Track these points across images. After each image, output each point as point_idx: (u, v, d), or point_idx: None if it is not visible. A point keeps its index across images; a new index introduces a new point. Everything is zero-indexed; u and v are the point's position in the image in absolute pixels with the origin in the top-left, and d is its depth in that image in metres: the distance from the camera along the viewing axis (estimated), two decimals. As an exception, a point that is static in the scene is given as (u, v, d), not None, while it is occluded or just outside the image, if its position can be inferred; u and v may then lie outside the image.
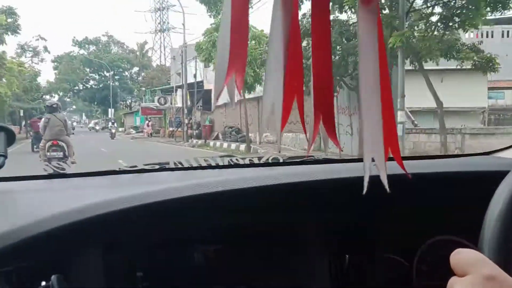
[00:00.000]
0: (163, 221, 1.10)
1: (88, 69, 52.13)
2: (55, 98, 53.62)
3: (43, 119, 8.88)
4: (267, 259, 1.19)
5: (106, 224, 1.00)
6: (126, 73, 53.83)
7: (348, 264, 1.24)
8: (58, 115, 8.54)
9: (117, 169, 1.36)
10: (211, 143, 20.30)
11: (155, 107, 31.89)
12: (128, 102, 54.42)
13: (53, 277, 0.92)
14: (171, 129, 29.25)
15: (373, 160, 0.44)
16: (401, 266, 1.25)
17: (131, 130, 38.91)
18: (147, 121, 31.78)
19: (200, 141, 21.64)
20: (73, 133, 11.03)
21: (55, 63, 52.61)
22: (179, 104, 25.56)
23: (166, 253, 1.15)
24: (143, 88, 39.45)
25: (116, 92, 47.93)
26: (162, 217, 1.08)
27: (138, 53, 54.83)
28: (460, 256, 0.48)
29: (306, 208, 1.20)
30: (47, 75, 66.29)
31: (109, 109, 43.10)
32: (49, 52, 32.39)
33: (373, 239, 1.25)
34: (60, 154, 8.07)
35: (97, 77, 53.16)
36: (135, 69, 54.74)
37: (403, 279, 1.25)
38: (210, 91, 25.16)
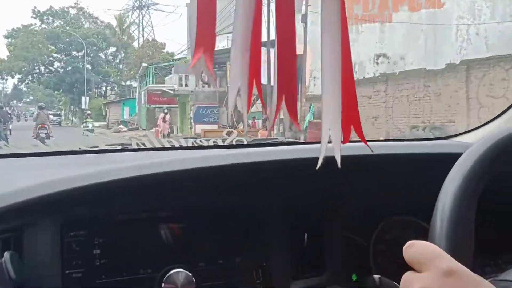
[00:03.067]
0: (123, 199, 1.14)
1: (53, 47, 38.15)
2: (8, 81, 40.34)
3: (35, 113, 17.70)
4: (227, 238, 1.26)
5: (63, 202, 1.05)
6: (101, 54, 40.52)
7: (306, 243, 1.31)
8: (44, 111, 17.28)
9: (78, 149, 1.39)
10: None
11: (172, 91, 19.27)
12: (103, 90, 41.40)
13: (5, 253, 0.94)
14: (201, 125, 16.86)
15: (330, 142, 0.48)
16: (358, 245, 1.34)
17: (120, 126, 26.03)
18: (162, 114, 19.11)
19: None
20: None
21: (9, 39, 38.31)
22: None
23: (126, 231, 1.17)
24: (144, 64, 26.42)
25: (89, 77, 34.82)
26: (121, 195, 1.12)
27: (117, 28, 41.48)
28: (415, 250, 0.46)
29: (266, 187, 1.28)
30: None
31: (83, 97, 33.10)
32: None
33: (331, 219, 1.34)
34: (45, 132, 15.45)
35: (64, 57, 39.40)
36: (112, 49, 41.55)
37: (361, 258, 1.34)
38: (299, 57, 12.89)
